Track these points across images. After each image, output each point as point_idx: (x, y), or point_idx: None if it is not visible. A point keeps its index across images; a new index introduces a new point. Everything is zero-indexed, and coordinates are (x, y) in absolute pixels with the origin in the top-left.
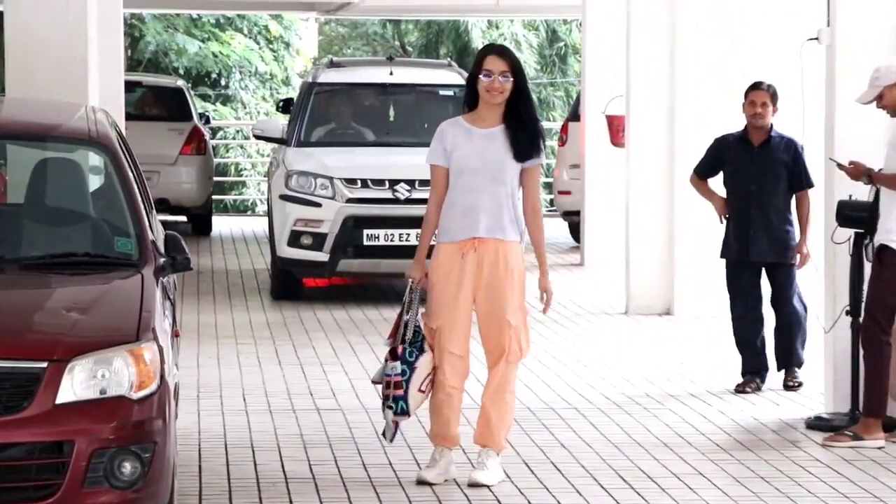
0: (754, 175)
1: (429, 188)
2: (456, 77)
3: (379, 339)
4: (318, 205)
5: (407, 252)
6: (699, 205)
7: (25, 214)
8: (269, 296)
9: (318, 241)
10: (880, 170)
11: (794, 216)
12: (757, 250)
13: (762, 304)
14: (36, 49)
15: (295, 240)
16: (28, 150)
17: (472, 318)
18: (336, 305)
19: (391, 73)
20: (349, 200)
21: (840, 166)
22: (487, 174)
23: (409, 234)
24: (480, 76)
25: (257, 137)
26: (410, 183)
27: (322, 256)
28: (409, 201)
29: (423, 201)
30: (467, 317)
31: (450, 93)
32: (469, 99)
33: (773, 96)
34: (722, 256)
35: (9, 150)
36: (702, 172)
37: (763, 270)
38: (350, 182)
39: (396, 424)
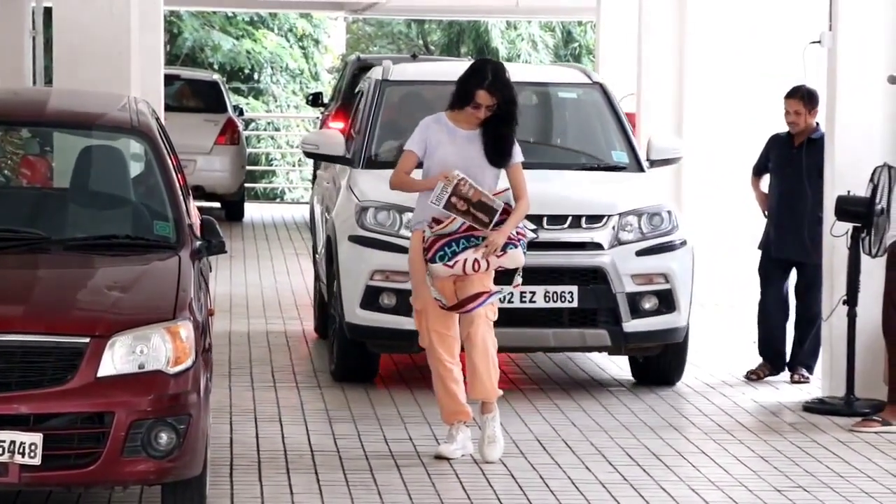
0: (787, 174)
1: (562, 227)
2: (579, 76)
3: None
4: (406, 250)
5: (530, 316)
6: (709, 199)
7: (70, 198)
8: (331, 377)
9: (404, 302)
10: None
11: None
12: (780, 248)
13: (788, 298)
14: (82, 43)
15: (372, 299)
16: (73, 137)
17: None
18: None
19: None
20: None
21: None
22: (468, 175)
23: (533, 292)
24: (469, 107)
25: (308, 155)
26: (536, 218)
27: (410, 323)
28: (533, 244)
29: (554, 244)
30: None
31: (572, 94)
32: (458, 101)
33: (808, 102)
34: (758, 247)
35: (55, 137)
36: (755, 170)
37: (794, 267)
38: None
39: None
